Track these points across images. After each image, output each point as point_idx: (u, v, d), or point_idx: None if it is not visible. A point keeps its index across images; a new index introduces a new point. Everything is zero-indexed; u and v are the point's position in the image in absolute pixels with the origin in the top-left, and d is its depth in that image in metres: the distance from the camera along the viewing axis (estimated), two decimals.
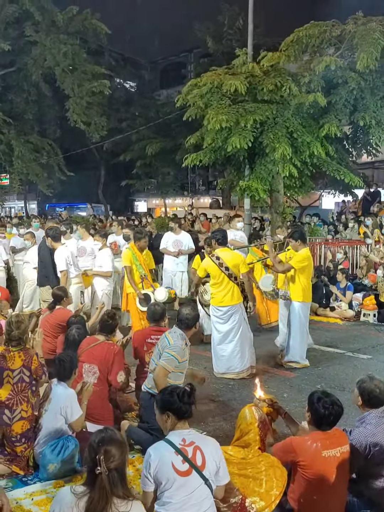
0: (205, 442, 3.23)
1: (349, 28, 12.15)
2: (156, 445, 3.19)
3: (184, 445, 3.14)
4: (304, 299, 7.13)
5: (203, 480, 3.09)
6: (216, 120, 11.53)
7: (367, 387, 3.67)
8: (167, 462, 3.06)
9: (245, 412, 3.83)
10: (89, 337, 5.27)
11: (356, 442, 3.49)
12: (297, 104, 11.94)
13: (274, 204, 13.42)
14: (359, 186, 13.30)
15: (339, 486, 3.39)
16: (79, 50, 22.50)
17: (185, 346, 4.60)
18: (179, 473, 3.05)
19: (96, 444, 2.66)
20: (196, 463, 3.09)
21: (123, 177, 29.53)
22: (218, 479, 3.20)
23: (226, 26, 24.56)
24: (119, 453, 2.65)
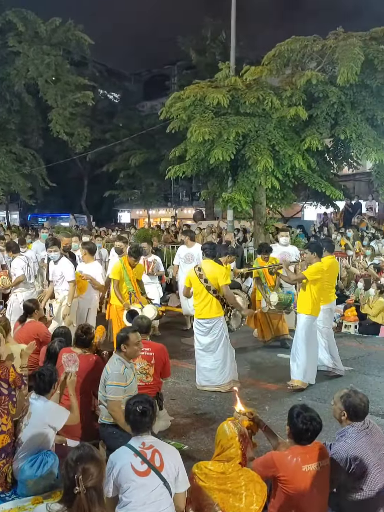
0: (164, 447, 3.36)
1: (330, 43, 12.36)
2: (117, 451, 3.33)
3: (144, 448, 3.27)
4: (312, 313, 6.82)
5: (162, 481, 3.19)
6: (199, 132, 11.61)
7: (352, 401, 3.64)
8: (126, 463, 3.19)
9: (224, 427, 3.81)
10: (65, 348, 5.20)
11: (337, 457, 3.48)
12: (279, 117, 12.06)
13: (257, 216, 13.51)
14: (340, 199, 13.45)
15: (319, 501, 3.38)
16: (62, 61, 22.52)
17: (124, 369, 4.54)
18: (138, 473, 3.17)
19: (73, 463, 2.62)
20: (155, 464, 3.21)
21: (107, 187, 29.51)
22: (178, 485, 3.28)
23: (209, 39, 24.81)
24: (97, 471, 2.62)
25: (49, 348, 5.44)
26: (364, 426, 3.61)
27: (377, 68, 11.73)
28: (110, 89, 33.46)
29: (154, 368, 5.27)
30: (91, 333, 5.23)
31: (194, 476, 3.65)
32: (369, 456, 3.47)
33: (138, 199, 29.56)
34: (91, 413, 5.02)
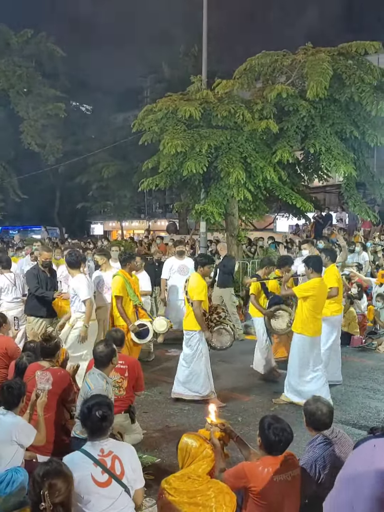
0: (122, 450, 3.30)
1: (299, 57, 12.61)
2: (73, 457, 3.22)
3: (103, 455, 3.20)
4: (303, 331, 6.43)
5: (123, 488, 3.17)
6: (172, 145, 11.68)
7: (309, 409, 3.72)
8: (86, 474, 3.10)
9: (185, 440, 3.80)
10: (33, 364, 5.10)
11: (307, 467, 3.52)
12: (250, 130, 12.21)
13: (229, 227, 13.60)
14: (310, 210, 13.65)
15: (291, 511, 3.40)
16: (34, 72, 22.51)
17: (106, 385, 4.48)
18: (99, 484, 3.11)
19: (40, 478, 2.58)
20: (115, 472, 3.16)
21: (79, 199, 29.33)
22: (135, 482, 3.26)
23: (181, 53, 25.02)
24: (64, 487, 2.58)
25: (18, 364, 5.33)
26: (333, 435, 3.65)
27: (345, 83, 12.01)
28: (83, 100, 33.38)
29: (128, 381, 5.24)
30: (52, 341, 5.08)
31: (163, 491, 3.61)
32: (337, 465, 3.49)
33: (111, 211, 29.43)
34: (62, 428, 4.94)
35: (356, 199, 12.99)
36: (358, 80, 11.79)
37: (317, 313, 6.47)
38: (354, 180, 12.98)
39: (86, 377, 4.56)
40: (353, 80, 11.84)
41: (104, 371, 4.54)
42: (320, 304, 6.53)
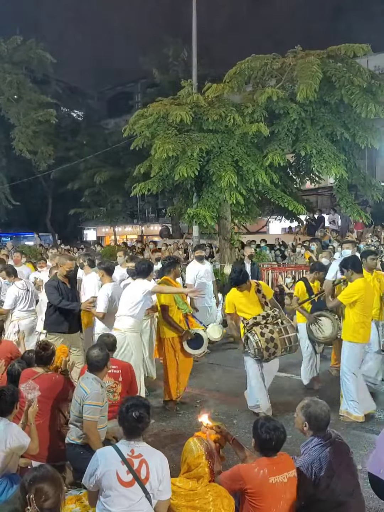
0: (152, 456, 3.30)
1: (289, 61, 12.68)
2: (105, 450, 3.30)
3: (132, 456, 3.23)
4: (354, 339, 6.12)
5: (144, 493, 3.18)
6: (163, 149, 11.68)
7: (313, 412, 3.64)
8: (112, 470, 3.17)
9: (190, 445, 3.78)
10: (27, 369, 5.08)
11: (303, 470, 3.50)
12: (241, 134, 12.24)
13: (222, 231, 13.62)
14: (302, 213, 13.69)
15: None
16: (24, 79, 22.50)
17: (101, 389, 4.48)
18: (122, 483, 3.15)
19: (27, 483, 2.57)
20: (140, 476, 3.18)
21: (72, 205, 29.22)
22: (159, 494, 3.27)
23: (171, 57, 25.10)
24: (52, 491, 2.56)
25: (10, 371, 5.31)
26: (327, 437, 3.63)
27: (335, 85, 12.06)
28: (74, 106, 33.39)
29: (122, 386, 5.22)
30: (49, 349, 5.10)
31: None
32: (333, 467, 3.49)
33: (103, 216, 29.39)
34: (57, 434, 4.92)
35: (348, 201, 13.04)
36: (348, 83, 11.84)
37: (366, 316, 6.17)
38: (345, 182, 13.03)
39: (79, 382, 4.53)
40: (342, 82, 11.89)
41: (98, 376, 4.53)
42: (369, 305, 6.23)
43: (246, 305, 6.26)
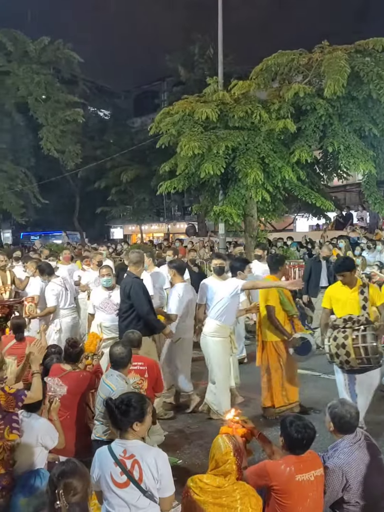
0: (145, 456, 3.20)
1: (316, 56, 12.52)
2: (101, 451, 3.28)
3: (124, 457, 3.19)
4: None
5: (141, 492, 3.13)
6: (189, 147, 11.68)
7: (338, 412, 3.61)
8: (106, 472, 3.15)
9: (219, 442, 3.76)
10: (55, 365, 5.14)
11: (332, 473, 3.45)
12: (268, 131, 12.15)
13: (248, 228, 13.56)
14: (331, 210, 13.53)
15: (314, 511, 3.36)
16: (52, 79, 22.76)
17: (126, 386, 4.49)
18: (117, 484, 3.13)
19: (56, 478, 2.59)
20: (134, 476, 3.14)
21: (99, 204, 29.53)
22: (159, 492, 3.20)
23: (197, 55, 25.09)
24: (80, 486, 2.58)
25: (47, 364, 5.38)
26: (356, 439, 3.58)
27: (363, 80, 11.87)
28: (100, 106, 33.68)
29: (148, 382, 5.24)
30: (77, 346, 5.16)
31: (189, 489, 3.60)
32: (363, 470, 3.44)
33: (130, 214, 29.60)
34: (85, 430, 4.96)
35: (377, 197, 12.84)
36: (376, 77, 11.64)
37: None
38: (374, 178, 12.83)
39: (104, 379, 4.56)
40: (371, 77, 11.69)
41: (122, 372, 4.56)
42: None
43: (341, 303, 5.55)
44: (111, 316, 6.72)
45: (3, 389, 4.00)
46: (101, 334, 6.53)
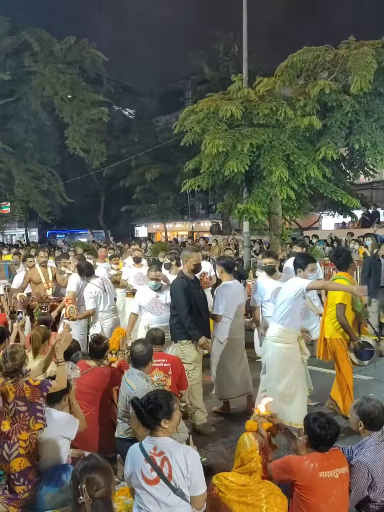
0: (175, 453, 3.20)
1: (342, 52, 12.37)
2: (133, 448, 3.29)
3: (154, 453, 3.19)
4: None
5: (171, 490, 3.13)
6: (213, 144, 11.66)
7: (366, 409, 3.58)
8: (137, 469, 3.17)
9: (244, 439, 3.76)
10: (80, 361, 5.18)
11: (358, 471, 3.41)
12: (293, 128, 12.06)
13: (273, 226, 13.47)
14: (357, 207, 13.36)
15: (339, 510, 3.32)
16: (78, 78, 22.94)
17: (147, 384, 4.47)
18: (147, 481, 3.13)
19: (78, 473, 2.60)
20: (163, 473, 3.14)
21: (123, 202, 29.72)
22: (192, 490, 3.19)
23: (222, 53, 25.02)
24: (103, 481, 2.59)
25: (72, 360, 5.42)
26: (383, 437, 3.54)
27: None
28: (125, 105, 33.85)
29: (171, 379, 5.25)
30: (102, 343, 5.19)
31: (214, 487, 3.60)
32: None
33: (154, 213, 29.72)
34: (110, 426, 4.99)
35: None
36: None
37: None
38: None
39: (125, 378, 4.57)
40: None
41: (143, 371, 4.56)
42: None
43: None
44: (159, 317, 6.45)
45: (28, 382, 4.06)
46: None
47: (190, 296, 5.63)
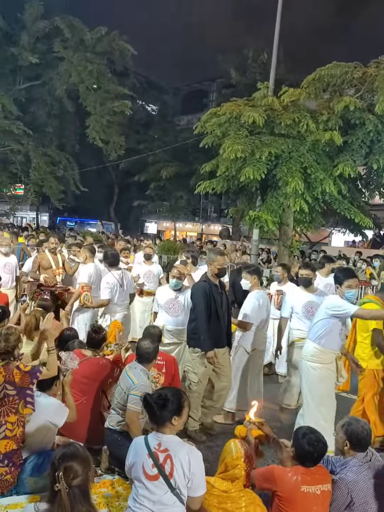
0: (179, 452, 3.21)
1: (371, 71, 12.30)
2: (137, 441, 3.33)
3: (158, 450, 3.21)
4: None
5: (169, 488, 3.14)
6: (232, 149, 11.63)
7: (355, 429, 3.55)
8: (139, 461, 3.19)
9: (231, 446, 3.75)
10: (76, 350, 5.18)
11: (338, 489, 3.40)
12: (313, 141, 12.01)
13: (283, 237, 13.42)
14: (369, 227, 13.30)
15: None
16: (104, 69, 23.05)
17: (148, 382, 4.50)
18: (147, 476, 3.15)
19: (57, 460, 2.61)
20: (165, 470, 3.14)
21: (136, 197, 29.77)
22: (190, 490, 3.20)
23: (250, 59, 25.04)
24: (81, 470, 2.60)
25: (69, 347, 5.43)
26: (367, 459, 3.52)
27: None
28: (149, 100, 33.93)
29: (165, 377, 5.25)
30: (101, 333, 5.19)
31: None
32: (370, 490, 3.38)
33: (166, 211, 29.76)
34: (98, 417, 5.00)
35: None
36: None
37: None
38: None
39: (127, 370, 4.57)
40: None
41: (146, 367, 4.58)
42: None
43: None
44: (175, 319, 6.23)
45: (18, 367, 4.07)
46: (163, 338, 6.03)
47: (210, 302, 5.35)
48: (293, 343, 6.11)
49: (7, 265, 8.62)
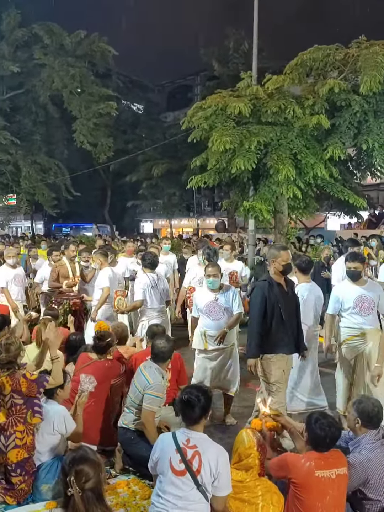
0: (208, 449, 3.23)
1: (352, 51, 12.27)
2: (165, 436, 3.35)
3: (187, 446, 3.22)
4: None
5: (195, 485, 3.14)
6: (220, 141, 11.59)
7: (366, 407, 3.59)
8: (166, 456, 3.20)
9: (243, 436, 3.75)
10: (83, 354, 5.19)
11: (352, 469, 3.41)
12: (301, 126, 11.98)
13: (278, 225, 13.41)
14: (364, 208, 13.29)
15: (335, 510, 3.31)
16: (87, 72, 23.00)
17: (163, 381, 4.50)
18: (174, 471, 3.16)
19: (67, 465, 2.61)
20: (192, 467, 3.15)
21: (129, 197, 29.73)
22: (215, 490, 3.21)
23: (232, 49, 24.96)
24: (92, 472, 2.59)
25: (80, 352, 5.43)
26: (379, 436, 3.55)
27: None
28: (134, 100, 33.85)
29: (171, 373, 5.25)
30: (104, 340, 5.15)
31: None
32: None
33: (160, 209, 29.73)
34: (109, 419, 5.00)
35: None
36: None
37: None
38: None
39: (142, 369, 4.56)
40: None
41: (161, 366, 4.59)
42: None
43: None
44: (217, 323, 5.65)
45: (25, 376, 4.05)
46: (205, 344, 5.70)
47: (271, 303, 4.77)
48: (343, 342, 5.50)
49: (16, 277, 8.43)
